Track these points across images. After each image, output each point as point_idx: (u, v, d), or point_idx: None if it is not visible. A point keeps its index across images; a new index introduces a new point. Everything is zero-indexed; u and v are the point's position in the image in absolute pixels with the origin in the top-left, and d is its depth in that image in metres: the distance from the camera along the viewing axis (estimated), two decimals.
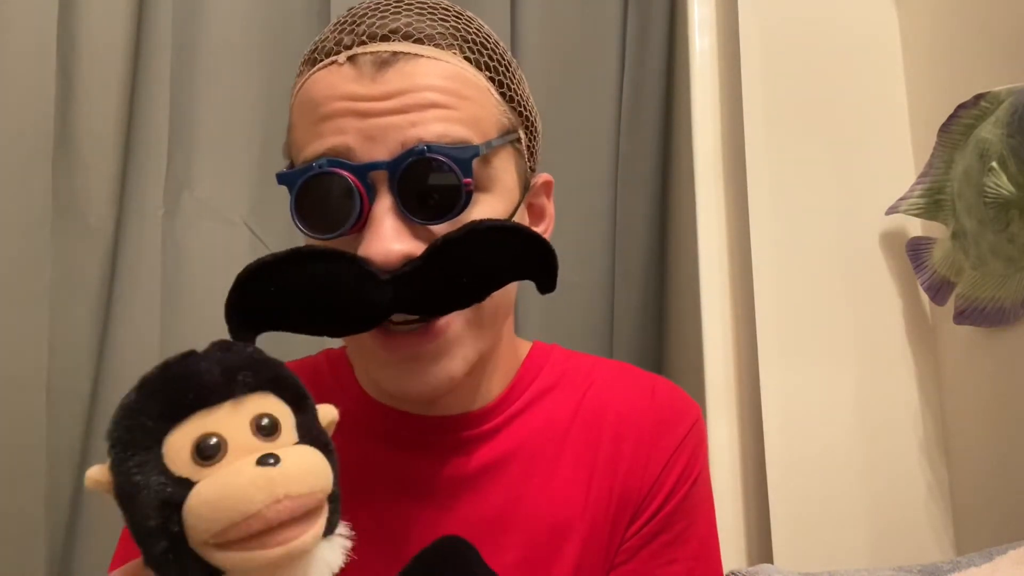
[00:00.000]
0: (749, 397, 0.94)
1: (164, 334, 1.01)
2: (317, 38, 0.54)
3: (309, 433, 0.33)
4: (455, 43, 0.52)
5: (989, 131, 0.79)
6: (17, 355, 0.95)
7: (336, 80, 0.50)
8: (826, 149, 0.98)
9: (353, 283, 0.46)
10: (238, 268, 0.47)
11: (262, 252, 0.51)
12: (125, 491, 0.31)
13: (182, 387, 0.32)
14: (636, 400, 0.62)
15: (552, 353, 0.65)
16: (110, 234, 1.01)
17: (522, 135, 0.56)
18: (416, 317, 0.49)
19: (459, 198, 0.48)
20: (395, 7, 0.52)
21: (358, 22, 0.51)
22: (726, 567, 0.63)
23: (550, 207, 0.62)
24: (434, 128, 0.48)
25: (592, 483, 0.58)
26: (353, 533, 0.34)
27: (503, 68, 0.54)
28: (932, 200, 0.90)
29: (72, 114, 1.00)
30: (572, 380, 0.62)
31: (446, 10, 0.54)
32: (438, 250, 0.46)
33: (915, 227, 0.96)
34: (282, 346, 0.52)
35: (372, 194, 0.48)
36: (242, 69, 1.07)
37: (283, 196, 0.49)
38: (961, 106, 0.84)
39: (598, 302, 1.13)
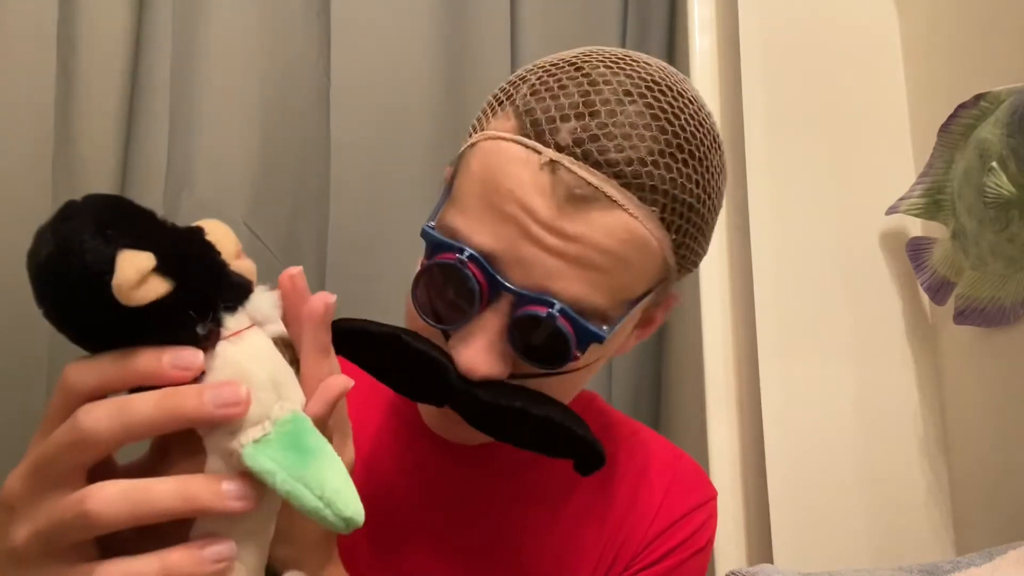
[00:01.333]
0: (749, 397, 0.94)
1: None
2: (543, 92, 0.47)
3: None
4: (660, 200, 0.46)
5: (989, 131, 0.79)
6: (17, 355, 0.95)
7: (526, 179, 0.45)
8: (826, 149, 0.98)
9: (428, 383, 0.48)
10: None
11: (262, 252, 0.51)
12: (165, 246, 0.37)
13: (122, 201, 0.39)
14: (659, 463, 0.63)
15: (593, 402, 0.67)
16: None
17: (674, 273, 0.51)
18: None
19: (562, 363, 0.47)
20: (635, 115, 0.46)
21: (586, 118, 0.45)
22: (726, 567, 0.64)
23: (661, 319, 0.57)
24: (578, 288, 0.46)
25: (601, 536, 0.59)
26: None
27: (697, 227, 0.49)
28: (932, 200, 0.90)
29: (72, 114, 1.00)
30: (609, 435, 0.63)
31: (687, 123, 0.47)
32: (512, 411, 0.47)
33: (915, 227, 0.96)
34: None
35: (490, 303, 0.47)
36: (242, 69, 1.07)
37: (283, 196, 0.49)
38: (961, 106, 0.84)
39: None
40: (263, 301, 0.37)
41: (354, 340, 0.47)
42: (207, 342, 0.33)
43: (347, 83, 1.07)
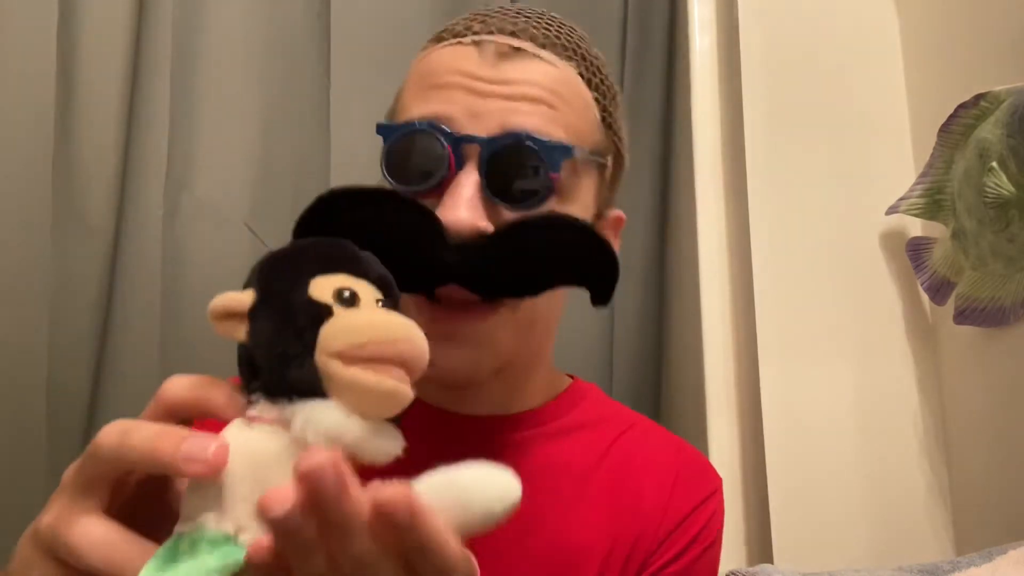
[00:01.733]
0: (749, 397, 0.94)
1: (164, 334, 1.01)
2: (449, 22, 0.57)
3: None
4: (574, 57, 0.55)
5: (989, 131, 0.79)
6: (17, 355, 0.95)
7: (457, 56, 0.52)
8: (826, 149, 0.98)
9: (425, 238, 0.46)
10: (238, 268, 0.47)
11: (262, 252, 0.51)
12: (270, 305, 0.33)
13: (337, 250, 0.36)
14: (662, 454, 0.63)
15: (590, 393, 0.66)
16: (110, 234, 1.00)
17: (610, 163, 0.57)
18: (468, 294, 0.49)
19: (541, 189, 0.50)
20: (527, 13, 0.56)
21: (491, 16, 0.55)
22: (726, 567, 0.63)
23: (616, 244, 0.61)
24: (534, 121, 0.50)
25: (609, 527, 0.58)
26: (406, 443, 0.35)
27: (610, 96, 0.57)
28: (932, 200, 0.90)
29: (72, 114, 1.00)
30: (607, 425, 0.63)
31: (572, 29, 0.57)
32: (512, 230, 0.47)
33: (915, 227, 0.96)
34: None
35: (460, 164, 0.50)
36: (242, 69, 1.07)
37: (283, 196, 0.49)
38: (961, 106, 0.84)
39: None
40: (322, 417, 0.31)
41: (340, 206, 0.45)
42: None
43: (347, 83, 1.07)
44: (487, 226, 0.48)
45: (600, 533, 0.58)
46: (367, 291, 0.34)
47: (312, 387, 0.31)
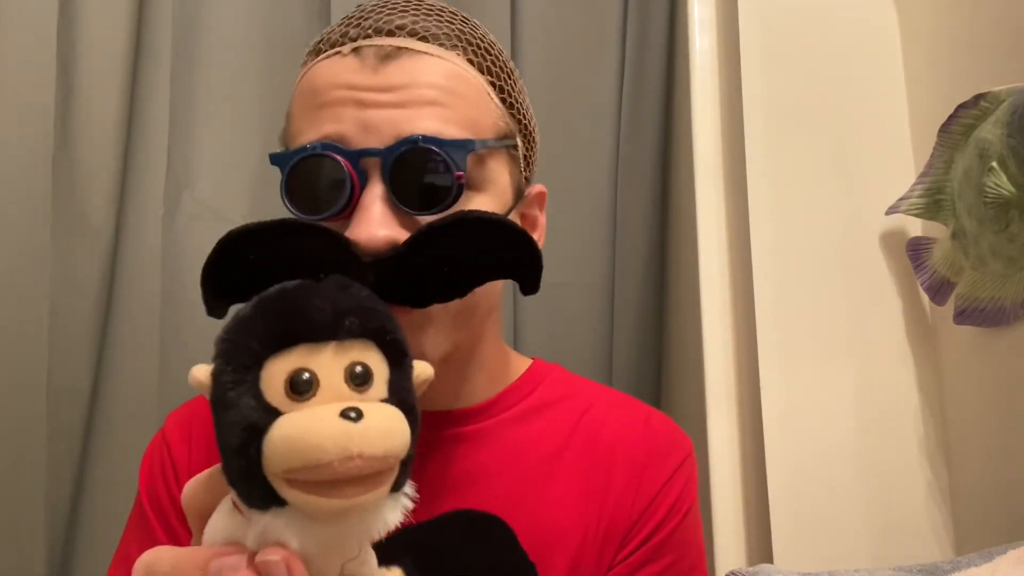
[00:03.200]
0: (749, 397, 0.94)
1: (164, 334, 1.01)
2: (324, 31, 0.55)
3: (398, 392, 0.33)
4: (459, 44, 0.52)
5: (989, 131, 0.79)
6: (17, 355, 0.95)
7: (338, 69, 0.51)
8: (826, 149, 0.98)
9: (335, 262, 0.44)
10: None
11: None
12: (219, 402, 0.32)
13: (293, 317, 0.32)
14: (630, 428, 0.62)
15: (552, 372, 0.65)
16: (110, 234, 1.01)
17: (519, 142, 0.56)
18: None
19: (450, 190, 0.48)
20: (403, 6, 0.53)
21: (365, 17, 0.52)
22: (726, 567, 0.63)
23: (542, 219, 0.61)
24: (430, 124, 0.49)
25: (582, 507, 0.57)
26: (417, 495, 0.34)
27: (504, 75, 0.55)
28: (932, 200, 0.90)
29: (72, 114, 1.00)
30: (571, 402, 0.62)
31: (453, 14, 0.55)
32: (424, 236, 0.44)
33: (915, 227, 0.96)
34: None
35: (363, 180, 0.48)
36: (242, 69, 1.07)
37: None
38: (961, 106, 0.84)
39: (598, 302, 1.13)
40: (279, 531, 0.31)
41: (242, 247, 0.44)
42: None
43: None
44: (401, 237, 0.47)
45: (575, 512, 0.57)
46: (333, 364, 0.31)
47: (266, 500, 0.31)
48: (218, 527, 0.33)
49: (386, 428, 0.30)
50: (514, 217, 0.56)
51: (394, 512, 0.33)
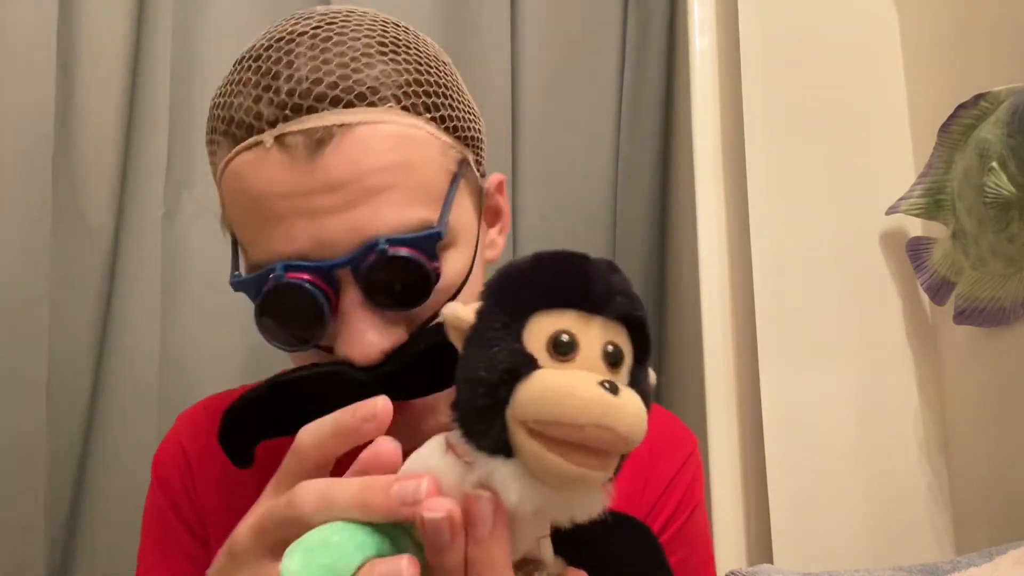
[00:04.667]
0: (749, 397, 0.94)
1: (164, 334, 1.01)
2: (223, 101, 0.50)
3: (639, 384, 0.33)
4: (388, 93, 0.46)
5: (989, 131, 0.79)
6: (17, 355, 0.95)
7: (269, 171, 0.45)
8: (826, 149, 0.98)
9: (341, 395, 0.43)
10: None
11: None
12: (479, 339, 0.32)
13: (574, 281, 0.33)
14: None
15: None
16: (110, 234, 1.01)
17: (469, 156, 0.52)
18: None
19: (428, 283, 0.46)
20: (309, 51, 0.46)
21: (273, 86, 0.46)
22: (726, 567, 0.63)
23: (504, 204, 0.59)
24: (387, 216, 0.45)
25: None
26: (614, 492, 0.34)
27: (441, 97, 0.50)
28: (932, 200, 0.90)
29: (72, 114, 1.00)
30: None
31: (369, 38, 0.48)
32: (417, 355, 0.45)
33: (915, 227, 0.96)
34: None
35: (337, 288, 0.45)
36: None
37: None
38: (961, 106, 0.84)
39: None
40: (500, 481, 0.31)
41: (247, 417, 0.45)
42: None
43: None
44: (392, 339, 0.46)
45: None
46: (595, 337, 0.32)
47: (497, 445, 0.31)
48: (428, 465, 0.33)
49: (638, 411, 0.30)
50: (483, 227, 0.54)
51: (599, 500, 0.33)
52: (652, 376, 0.36)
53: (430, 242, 0.46)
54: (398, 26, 0.52)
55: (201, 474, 0.59)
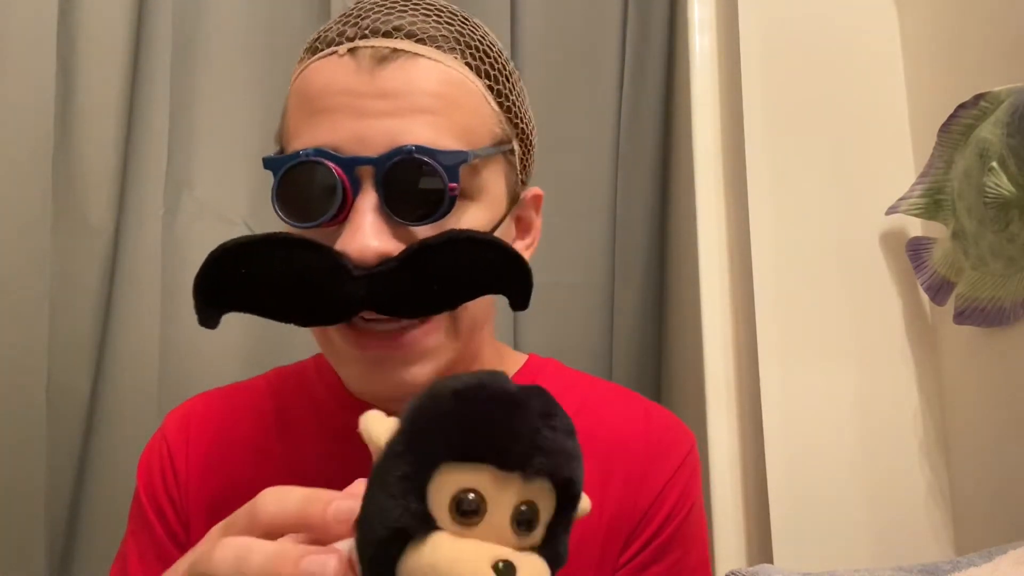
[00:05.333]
0: (749, 397, 0.94)
1: (164, 334, 1.01)
2: (321, 28, 0.54)
3: (553, 540, 0.32)
4: (457, 47, 0.51)
5: (989, 131, 0.79)
6: (17, 355, 0.95)
7: (335, 72, 0.50)
8: (826, 149, 0.98)
9: (325, 275, 0.45)
10: None
11: None
12: (382, 480, 0.30)
13: (493, 434, 0.30)
14: (629, 425, 0.61)
15: (546, 367, 0.64)
16: (110, 234, 1.01)
17: (516, 147, 0.55)
18: (385, 317, 0.49)
19: (442, 202, 0.48)
20: (401, 5, 0.52)
21: (363, 15, 0.51)
22: (726, 567, 0.63)
23: (537, 221, 0.61)
24: (424, 133, 0.48)
25: (603, 515, 0.57)
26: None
27: (503, 78, 0.54)
28: (932, 200, 0.90)
29: (72, 114, 1.00)
30: (567, 396, 0.61)
31: (452, 14, 0.54)
32: (415, 253, 0.46)
33: (915, 227, 0.96)
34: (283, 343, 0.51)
35: (356, 189, 0.48)
36: (242, 69, 1.07)
37: None
38: (961, 106, 0.84)
39: (597, 302, 1.13)
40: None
41: (232, 260, 0.46)
42: None
43: None
44: (392, 249, 0.47)
45: (594, 522, 0.56)
46: (510, 497, 0.29)
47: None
48: None
49: None
50: (509, 222, 0.56)
51: None
52: (586, 502, 0.34)
53: (455, 160, 0.48)
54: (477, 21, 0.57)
55: (185, 474, 0.59)
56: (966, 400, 0.90)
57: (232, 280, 0.46)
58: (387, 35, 0.50)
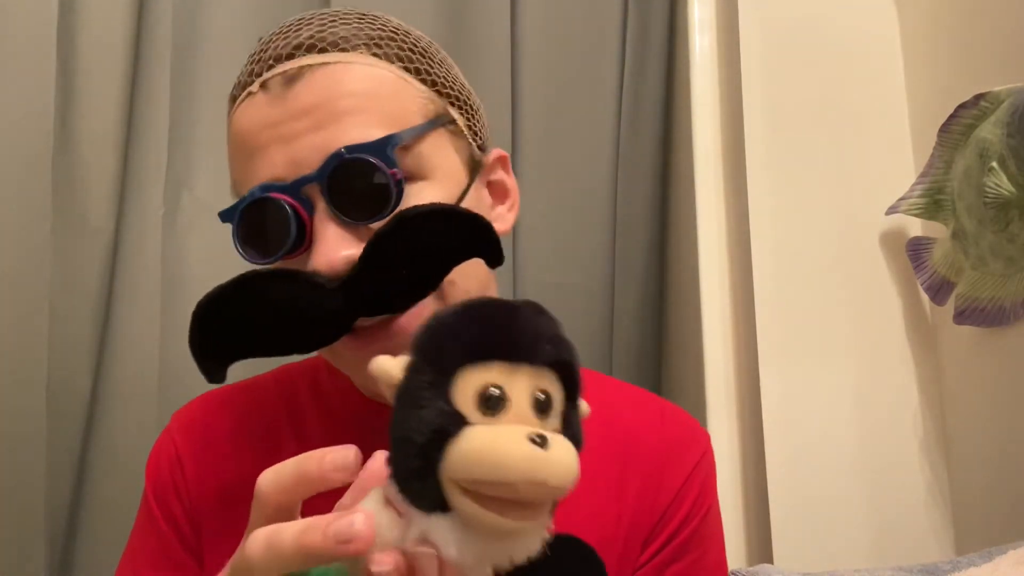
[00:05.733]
0: (749, 397, 0.94)
1: (164, 334, 1.01)
2: (238, 76, 0.55)
3: (571, 427, 0.34)
4: (360, 43, 0.52)
5: (989, 131, 0.79)
6: (17, 355, 0.95)
7: (254, 110, 0.51)
8: (826, 149, 0.98)
9: (301, 298, 0.46)
10: (238, 268, 0.47)
11: None
12: (408, 398, 0.32)
13: (498, 332, 0.33)
14: (644, 425, 0.60)
15: None
16: (110, 234, 1.01)
17: (456, 116, 0.55)
18: (378, 318, 0.49)
19: (390, 191, 0.48)
20: (296, 25, 0.53)
21: (265, 49, 0.53)
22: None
23: (511, 180, 0.60)
24: (352, 134, 0.48)
25: (597, 504, 0.56)
26: (552, 531, 0.35)
27: (416, 55, 0.54)
28: (932, 200, 0.90)
29: (72, 114, 1.00)
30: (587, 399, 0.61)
31: (347, 14, 0.54)
32: (373, 246, 0.46)
33: (915, 227, 0.96)
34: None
35: (311, 210, 0.48)
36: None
37: None
38: (961, 106, 0.84)
39: (598, 303, 1.13)
40: (436, 537, 0.31)
41: (215, 313, 0.46)
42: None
43: None
44: (359, 252, 0.47)
45: (587, 511, 0.55)
46: (524, 387, 0.32)
47: (432, 503, 0.31)
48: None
49: (568, 461, 0.30)
50: (477, 189, 0.55)
51: (536, 542, 0.33)
52: (584, 408, 0.36)
53: (386, 146, 0.48)
54: (379, 13, 0.56)
55: (194, 473, 0.59)
56: (966, 400, 0.90)
57: (221, 334, 0.47)
58: (290, 57, 0.51)
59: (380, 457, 0.35)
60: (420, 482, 0.31)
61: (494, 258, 0.48)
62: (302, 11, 0.56)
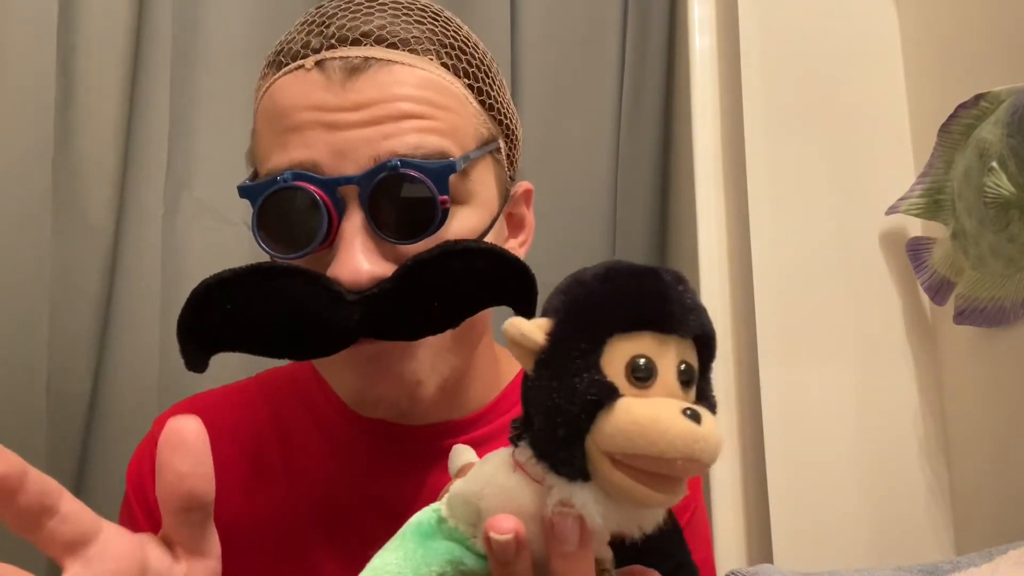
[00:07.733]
0: (749, 397, 0.94)
1: (164, 334, 1.01)
2: (282, 38, 0.51)
3: (708, 399, 0.33)
4: (432, 48, 0.48)
5: (989, 131, 0.79)
6: (17, 355, 0.95)
7: (303, 88, 0.47)
8: (826, 149, 0.98)
9: (318, 304, 0.43)
10: None
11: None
12: (556, 366, 0.31)
13: (652, 302, 0.32)
14: None
15: None
16: (110, 234, 1.00)
17: (502, 144, 0.53)
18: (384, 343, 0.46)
19: (435, 216, 0.45)
20: (367, 7, 0.49)
21: (327, 23, 0.48)
22: (726, 567, 0.63)
23: (530, 216, 0.59)
24: (408, 140, 0.45)
25: None
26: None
27: (483, 74, 0.51)
28: (932, 200, 0.90)
29: (72, 114, 1.00)
30: None
31: (423, 11, 0.50)
32: (409, 271, 0.43)
33: (915, 227, 0.96)
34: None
35: (341, 210, 0.45)
36: (242, 69, 1.07)
37: None
38: (961, 106, 0.84)
39: None
40: (578, 503, 0.31)
41: (217, 298, 0.43)
42: None
43: None
44: (385, 270, 0.44)
45: None
46: (671, 358, 0.31)
47: (576, 472, 0.31)
48: (502, 485, 0.33)
49: (718, 437, 0.30)
50: (501, 221, 0.53)
51: (662, 513, 0.33)
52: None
53: (444, 172, 0.45)
54: (450, 14, 0.54)
55: None
56: (966, 400, 0.89)
57: (219, 320, 0.44)
58: (355, 43, 0.47)
59: (189, 421, 0.34)
60: (566, 451, 0.31)
61: (528, 311, 0.45)
62: (303, 12, 0.55)
